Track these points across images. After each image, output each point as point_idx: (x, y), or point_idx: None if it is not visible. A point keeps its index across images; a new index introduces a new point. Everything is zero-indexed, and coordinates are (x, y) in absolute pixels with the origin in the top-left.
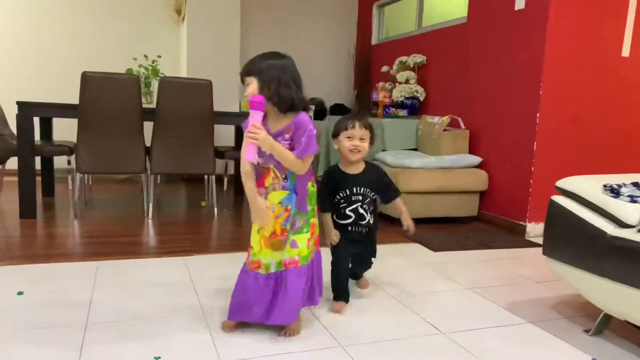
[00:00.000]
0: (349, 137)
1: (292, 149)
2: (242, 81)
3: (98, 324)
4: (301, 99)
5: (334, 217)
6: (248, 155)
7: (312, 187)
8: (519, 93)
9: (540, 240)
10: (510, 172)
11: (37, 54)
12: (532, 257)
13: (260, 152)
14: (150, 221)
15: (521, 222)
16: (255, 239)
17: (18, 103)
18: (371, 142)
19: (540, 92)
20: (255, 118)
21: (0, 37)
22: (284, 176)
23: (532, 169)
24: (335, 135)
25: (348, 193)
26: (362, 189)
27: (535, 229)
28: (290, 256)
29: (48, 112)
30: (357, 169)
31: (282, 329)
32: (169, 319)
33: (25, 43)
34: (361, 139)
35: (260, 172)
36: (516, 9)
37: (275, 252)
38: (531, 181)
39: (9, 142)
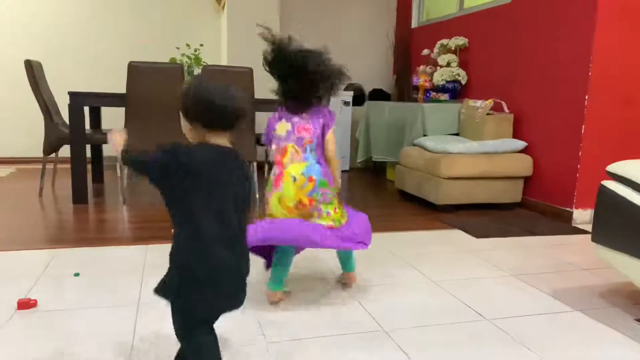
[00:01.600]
0: None
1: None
2: None
3: (149, 304)
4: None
5: None
6: None
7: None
8: (566, 75)
9: (587, 227)
10: (557, 157)
11: (84, 45)
12: (578, 244)
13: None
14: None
15: (567, 209)
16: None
17: (70, 93)
18: None
19: (590, 73)
20: None
21: (49, 31)
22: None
23: (580, 154)
24: None
25: None
26: None
27: (582, 216)
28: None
29: (97, 101)
30: None
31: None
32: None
33: (74, 35)
34: None
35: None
36: None
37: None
38: (579, 166)
39: (61, 131)
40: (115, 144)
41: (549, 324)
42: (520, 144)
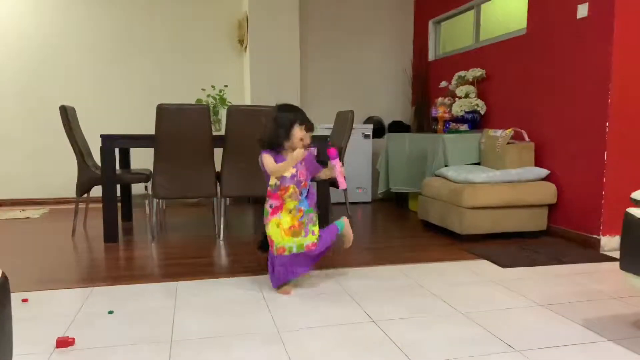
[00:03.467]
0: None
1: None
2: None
3: (182, 341)
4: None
5: None
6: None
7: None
8: (585, 102)
9: (616, 254)
10: (581, 184)
11: (114, 90)
12: (608, 272)
13: (284, 179)
14: (222, 242)
15: (594, 236)
16: (276, 232)
17: (102, 136)
18: None
19: (609, 101)
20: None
21: (82, 78)
22: (300, 191)
23: (604, 180)
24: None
25: None
26: None
27: (610, 242)
28: (312, 241)
29: (128, 143)
30: None
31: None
32: (246, 335)
33: (105, 81)
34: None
35: (280, 189)
36: (579, 17)
37: (295, 238)
38: (603, 192)
39: (93, 172)
40: None
41: (580, 354)
42: (543, 171)
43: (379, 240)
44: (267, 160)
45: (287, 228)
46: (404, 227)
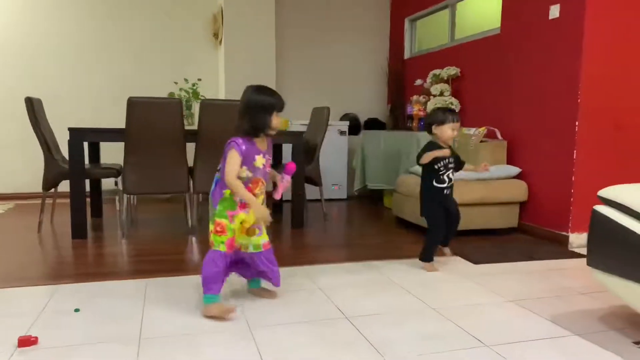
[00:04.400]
0: (452, 129)
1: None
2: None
3: (150, 339)
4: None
5: (434, 182)
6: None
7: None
8: (556, 102)
9: (584, 251)
10: (551, 182)
11: (84, 82)
12: (576, 268)
13: (257, 170)
14: (194, 239)
15: (564, 233)
16: (230, 228)
17: (69, 129)
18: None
19: (579, 100)
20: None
21: (49, 70)
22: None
23: (573, 178)
24: (441, 123)
25: (446, 162)
26: (452, 159)
27: (578, 239)
28: (266, 240)
29: (97, 137)
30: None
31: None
32: (216, 333)
33: (73, 72)
34: (456, 129)
35: (252, 182)
36: (550, 18)
37: (252, 238)
38: (572, 191)
39: (61, 167)
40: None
41: (549, 349)
42: (515, 169)
43: (354, 237)
44: (233, 161)
45: (247, 227)
46: (378, 224)
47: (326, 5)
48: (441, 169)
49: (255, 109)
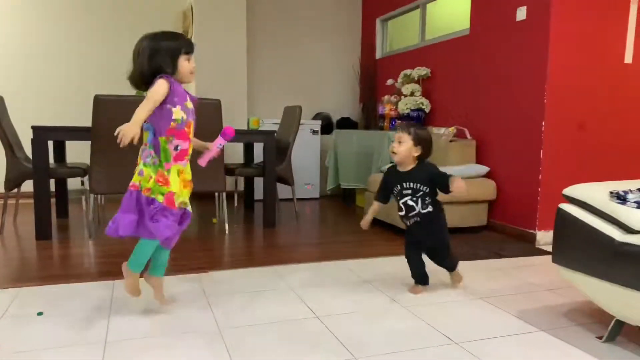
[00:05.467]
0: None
1: None
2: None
3: (117, 342)
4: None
5: (398, 211)
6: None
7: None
8: (523, 102)
9: (550, 248)
10: (519, 180)
11: (49, 79)
12: (542, 265)
13: (187, 110)
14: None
15: (531, 230)
16: (175, 182)
17: (33, 127)
18: (425, 152)
19: (545, 101)
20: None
21: (13, 64)
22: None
23: (540, 177)
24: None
25: (399, 188)
26: (412, 184)
27: (545, 237)
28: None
29: (62, 135)
30: (406, 168)
31: None
32: (185, 335)
33: (37, 69)
34: (399, 142)
35: (187, 125)
36: (517, 20)
37: (188, 191)
38: (539, 189)
39: (24, 166)
40: None
41: (515, 345)
42: (484, 168)
43: (326, 236)
44: (161, 88)
45: (188, 180)
46: (350, 222)
47: (298, 4)
48: (397, 196)
49: (158, 57)
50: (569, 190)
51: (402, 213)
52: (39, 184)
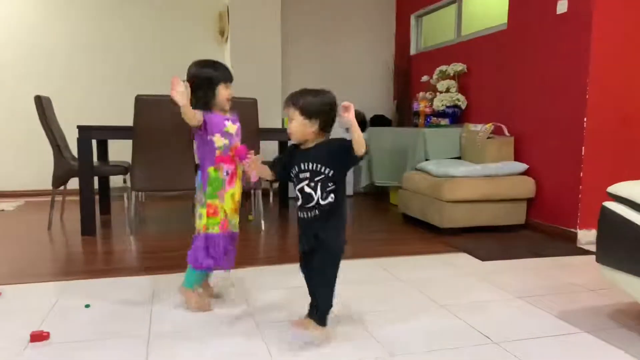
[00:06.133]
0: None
1: None
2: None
3: (159, 334)
4: None
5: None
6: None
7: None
8: (564, 98)
9: (592, 248)
10: (559, 178)
11: (92, 80)
12: (584, 265)
13: (228, 134)
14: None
15: (572, 230)
16: (229, 205)
17: (78, 127)
18: (323, 124)
19: (587, 96)
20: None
21: (59, 68)
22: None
23: (581, 175)
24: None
25: (296, 170)
26: (310, 164)
27: (587, 236)
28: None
29: (105, 134)
30: (307, 146)
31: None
32: (224, 328)
33: (79, 70)
34: (291, 119)
35: (229, 149)
36: (558, 13)
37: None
38: (581, 187)
39: (70, 164)
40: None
41: (556, 345)
42: (522, 166)
43: (359, 233)
44: (199, 114)
45: (238, 200)
46: (384, 220)
47: (332, 2)
48: (294, 180)
49: (201, 83)
50: (613, 188)
51: (299, 203)
52: (85, 182)
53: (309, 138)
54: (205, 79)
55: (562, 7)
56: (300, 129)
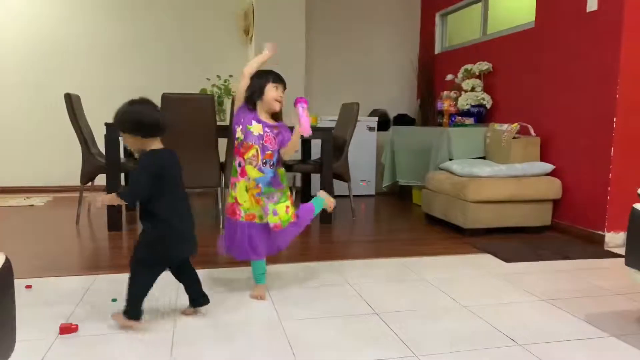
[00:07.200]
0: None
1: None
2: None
3: (183, 329)
4: None
5: None
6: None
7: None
8: (592, 97)
9: (620, 251)
10: (587, 179)
11: (118, 78)
12: (612, 268)
13: (250, 135)
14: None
15: (599, 232)
16: (244, 196)
17: (106, 125)
18: (141, 133)
19: (617, 96)
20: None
21: (88, 66)
22: (263, 160)
23: (610, 176)
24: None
25: None
26: None
27: (615, 239)
28: (273, 222)
29: None
30: None
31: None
32: (247, 325)
33: (110, 68)
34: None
35: (243, 146)
36: (588, 10)
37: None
38: (609, 188)
39: (97, 160)
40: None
41: (583, 349)
42: (548, 166)
43: (382, 233)
44: (240, 90)
45: (254, 196)
46: (407, 220)
47: (356, 1)
48: None
49: (252, 83)
50: None
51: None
52: (112, 178)
53: (144, 147)
54: (257, 78)
55: (592, 4)
56: (132, 145)
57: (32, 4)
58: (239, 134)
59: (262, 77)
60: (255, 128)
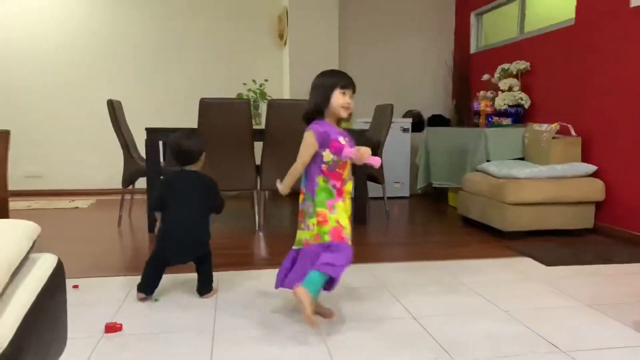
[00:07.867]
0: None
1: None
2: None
3: (223, 329)
4: None
5: None
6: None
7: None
8: (636, 96)
9: None
10: (631, 180)
11: (158, 84)
12: None
13: (344, 148)
14: (261, 234)
15: None
16: (343, 218)
17: (147, 129)
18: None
19: None
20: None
21: (129, 72)
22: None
23: None
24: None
25: None
26: None
27: None
28: (305, 237)
29: None
30: None
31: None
32: (285, 327)
33: (150, 74)
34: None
35: (339, 166)
36: (632, 5)
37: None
38: None
39: (138, 164)
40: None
41: (631, 357)
42: (590, 167)
43: (418, 236)
44: (306, 148)
45: (349, 215)
46: (443, 222)
47: (390, 1)
48: None
49: (313, 92)
50: None
51: None
52: (152, 182)
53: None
54: (321, 84)
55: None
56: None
57: (81, 9)
58: (329, 156)
59: (328, 82)
60: (343, 142)
